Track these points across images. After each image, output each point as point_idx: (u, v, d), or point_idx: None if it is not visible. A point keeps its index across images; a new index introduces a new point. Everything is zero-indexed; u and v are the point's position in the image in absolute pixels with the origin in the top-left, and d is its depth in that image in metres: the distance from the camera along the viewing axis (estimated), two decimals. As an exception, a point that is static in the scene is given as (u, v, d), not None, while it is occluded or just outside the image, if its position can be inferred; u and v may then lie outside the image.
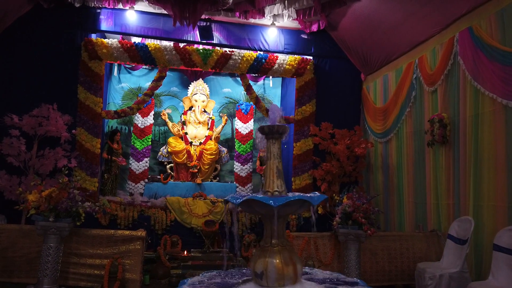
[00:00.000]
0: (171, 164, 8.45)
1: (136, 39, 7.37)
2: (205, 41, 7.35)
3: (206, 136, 8.51)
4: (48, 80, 6.68)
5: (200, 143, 8.42)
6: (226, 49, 7.37)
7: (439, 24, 5.57)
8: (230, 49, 7.39)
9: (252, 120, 9.07)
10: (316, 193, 2.15)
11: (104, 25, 7.07)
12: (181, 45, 7.26)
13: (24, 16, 6.67)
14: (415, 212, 5.94)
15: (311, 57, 7.76)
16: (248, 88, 7.77)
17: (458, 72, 5.09)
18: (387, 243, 5.11)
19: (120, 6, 6.86)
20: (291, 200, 1.93)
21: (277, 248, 2.12)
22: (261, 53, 7.55)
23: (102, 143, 7.27)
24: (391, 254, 5.09)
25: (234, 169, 8.84)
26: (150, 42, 7.25)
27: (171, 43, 7.22)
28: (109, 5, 6.76)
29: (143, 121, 8.54)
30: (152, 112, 8.65)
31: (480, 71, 4.67)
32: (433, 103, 5.64)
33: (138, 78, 8.79)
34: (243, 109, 9.03)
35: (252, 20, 7.25)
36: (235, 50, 7.41)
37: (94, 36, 7.06)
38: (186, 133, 8.47)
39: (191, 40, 7.35)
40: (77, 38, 6.91)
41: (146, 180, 8.22)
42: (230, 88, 9.25)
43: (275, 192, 2.18)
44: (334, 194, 6.36)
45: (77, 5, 6.65)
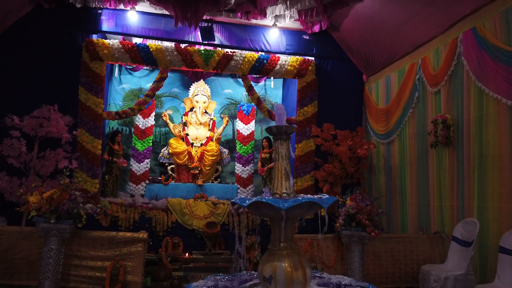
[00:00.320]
0: (172, 165, 8.41)
1: (137, 40, 7.35)
2: (206, 42, 7.32)
3: (207, 137, 8.48)
4: (49, 81, 6.64)
5: (201, 144, 8.38)
6: (228, 50, 7.34)
7: (442, 25, 5.54)
8: (232, 50, 7.37)
9: (254, 121, 9.03)
10: (325, 195, 2.12)
11: (105, 26, 7.04)
12: (183, 46, 7.24)
13: (24, 17, 6.64)
14: (418, 213, 5.90)
15: (313, 58, 7.74)
16: (250, 89, 7.74)
17: (461, 73, 5.06)
18: (390, 245, 5.07)
19: (121, 6, 6.82)
20: (300, 203, 1.90)
21: (286, 251, 2.08)
22: (263, 54, 7.52)
23: (103, 144, 7.24)
24: (395, 256, 5.05)
25: (235, 170, 8.80)
26: (151, 42, 7.22)
27: (173, 44, 7.19)
28: (110, 6, 6.72)
29: (144, 122, 8.51)
30: (153, 113, 8.61)
31: (484, 71, 4.64)
32: (436, 104, 5.61)
33: (139, 79, 8.76)
34: (244, 110, 9.00)
35: (253, 21, 7.22)
36: (237, 51, 7.38)
37: (95, 37, 7.03)
38: (187, 134, 8.43)
39: (192, 41, 7.32)
40: (78, 38, 6.88)
41: (147, 181, 8.18)
42: (231, 89, 9.22)
43: (284, 194, 2.14)
44: (337, 196, 6.32)
45: (78, 5, 6.62)
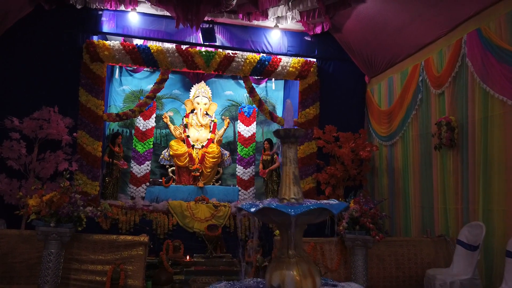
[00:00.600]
0: (173, 168, 8.35)
1: (138, 41, 7.30)
2: (207, 43, 7.28)
3: (208, 139, 8.42)
4: (49, 82, 6.59)
5: (202, 146, 8.33)
6: (229, 51, 7.30)
7: (446, 26, 5.49)
8: (233, 51, 7.32)
9: (255, 123, 8.96)
10: (334, 200, 2.06)
11: (106, 27, 7.00)
12: (184, 47, 7.19)
13: (25, 18, 6.59)
14: (421, 216, 5.85)
15: (315, 60, 7.70)
16: (251, 91, 7.68)
17: (466, 74, 5.01)
18: (394, 249, 5.00)
19: (122, 7, 6.77)
20: (310, 209, 1.83)
21: (295, 259, 2.01)
22: (264, 55, 7.48)
23: (104, 146, 7.19)
24: (399, 260, 4.99)
25: (237, 172, 8.74)
26: (152, 44, 7.17)
27: (174, 45, 7.15)
28: (111, 7, 6.67)
29: (144, 124, 8.45)
30: (154, 115, 8.55)
31: (489, 73, 4.59)
32: (440, 105, 5.55)
33: (140, 81, 8.71)
34: (245, 112, 8.94)
35: (255, 22, 7.18)
36: (238, 52, 7.34)
37: (95, 38, 6.98)
38: (188, 136, 8.38)
39: (193, 42, 7.28)
40: (78, 40, 6.84)
41: (147, 183, 8.11)
42: (232, 91, 9.17)
43: (292, 200, 2.08)
44: (340, 199, 6.26)
45: (79, 6, 6.56)
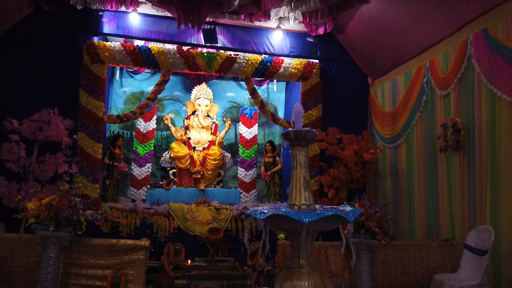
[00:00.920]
0: (174, 170, 8.28)
1: (139, 42, 7.23)
2: (209, 45, 7.21)
3: (209, 141, 8.35)
4: (49, 84, 6.52)
5: (204, 148, 8.25)
6: (231, 53, 7.22)
7: (451, 27, 5.42)
8: (235, 53, 7.24)
9: (257, 124, 8.90)
10: (347, 207, 1.97)
11: (107, 28, 6.93)
12: (185, 48, 7.12)
13: (25, 18, 6.52)
14: (426, 220, 5.75)
15: (317, 61, 7.62)
16: (253, 92, 7.60)
17: (472, 76, 4.93)
18: (399, 253, 4.91)
19: (123, 8, 6.70)
20: (324, 216, 1.73)
21: (306, 269, 1.91)
22: (266, 56, 7.40)
23: (104, 148, 7.10)
24: (404, 264, 4.89)
25: (238, 174, 8.66)
26: (153, 45, 7.09)
27: (175, 46, 7.08)
28: (111, 8, 6.60)
29: (145, 125, 8.38)
30: (155, 117, 8.49)
31: (496, 74, 4.51)
32: (445, 107, 5.47)
33: (140, 82, 8.64)
34: (247, 113, 8.87)
35: (257, 23, 7.11)
36: (240, 53, 7.27)
37: (96, 39, 6.91)
38: (189, 138, 8.30)
39: (195, 43, 7.20)
40: (79, 41, 6.77)
41: (148, 186, 8.04)
42: (234, 93, 9.10)
43: (303, 206, 1.98)
44: (345, 202, 6.16)
45: (79, 7, 6.50)
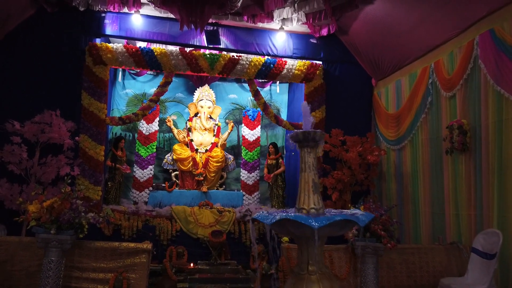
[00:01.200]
0: (176, 172, 8.23)
1: (141, 44, 7.19)
2: (212, 46, 7.17)
3: (212, 143, 8.30)
4: (51, 86, 6.49)
5: (206, 150, 8.20)
6: (234, 54, 7.18)
7: (456, 27, 5.35)
8: (238, 54, 7.20)
9: (259, 126, 8.85)
10: (358, 211, 1.90)
11: (109, 30, 6.90)
12: (188, 49, 7.08)
13: (27, 20, 6.49)
14: (432, 223, 5.68)
15: (321, 62, 7.57)
16: (256, 94, 7.56)
17: (478, 77, 4.87)
18: (405, 256, 4.83)
19: (126, 10, 6.68)
20: (334, 221, 1.66)
21: (316, 276, 1.83)
22: (269, 58, 7.35)
23: (106, 150, 7.06)
24: (410, 268, 4.81)
25: (241, 177, 8.61)
26: (155, 46, 7.06)
27: (177, 48, 7.04)
28: (114, 9, 6.57)
29: (147, 127, 8.35)
30: (157, 119, 8.46)
31: (503, 75, 4.44)
32: (451, 109, 5.40)
33: (143, 84, 8.61)
34: (250, 115, 8.82)
35: (260, 25, 7.06)
36: (243, 55, 7.23)
37: (98, 41, 6.88)
38: (191, 140, 8.26)
39: (197, 44, 7.16)
40: (81, 42, 6.74)
41: (150, 188, 7.99)
42: (236, 94, 9.06)
43: (312, 210, 1.91)
44: (349, 205, 6.10)
45: (82, 9, 6.46)
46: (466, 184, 5.00)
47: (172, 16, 6.60)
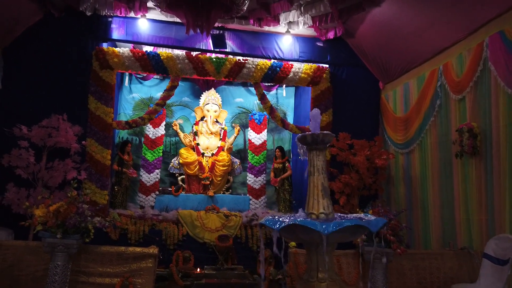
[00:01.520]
0: (183, 176, 8.21)
1: (148, 48, 7.21)
2: (218, 50, 7.16)
3: (218, 147, 8.27)
4: (58, 90, 6.52)
5: (212, 154, 8.17)
6: (240, 58, 7.17)
7: (465, 29, 5.29)
8: (244, 58, 7.19)
9: (266, 130, 8.81)
10: (370, 215, 1.85)
11: (116, 34, 6.92)
12: (194, 53, 7.08)
13: (34, 25, 6.53)
14: (442, 228, 5.59)
15: (327, 65, 7.53)
16: (263, 98, 7.53)
17: (488, 79, 4.79)
18: (415, 262, 4.75)
19: (132, 14, 6.71)
20: (345, 227, 1.61)
21: (325, 283, 1.78)
22: (276, 61, 7.33)
23: (113, 154, 7.08)
24: (420, 274, 4.73)
25: (247, 181, 8.57)
26: (162, 51, 7.07)
27: (184, 52, 7.05)
28: (120, 14, 6.60)
29: (154, 131, 8.35)
30: (164, 123, 8.45)
31: (514, 77, 4.37)
32: (460, 111, 5.33)
33: (149, 88, 8.62)
34: (256, 119, 8.79)
35: (266, 28, 7.05)
36: (249, 58, 7.21)
37: (105, 45, 6.91)
38: (198, 144, 8.24)
39: (203, 48, 7.15)
40: (88, 47, 6.77)
41: (157, 192, 7.98)
42: (243, 98, 9.03)
43: (321, 215, 1.86)
44: (358, 209, 6.02)
45: (89, 13, 6.49)
46: (477, 188, 4.91)
47: (178, 20, 6.59)
